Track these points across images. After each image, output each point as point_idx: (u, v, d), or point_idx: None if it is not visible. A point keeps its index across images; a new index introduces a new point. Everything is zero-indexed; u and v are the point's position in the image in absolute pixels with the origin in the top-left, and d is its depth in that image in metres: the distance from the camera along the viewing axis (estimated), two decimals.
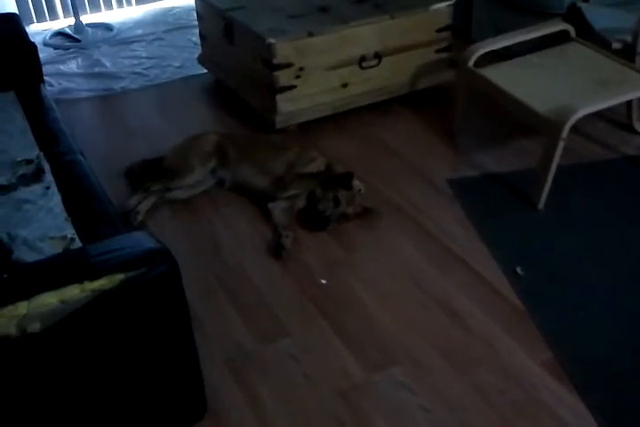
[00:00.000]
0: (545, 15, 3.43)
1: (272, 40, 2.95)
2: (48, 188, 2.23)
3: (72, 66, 3.97)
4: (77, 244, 1.96)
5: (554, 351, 2.05)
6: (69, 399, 1.56)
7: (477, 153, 3.05)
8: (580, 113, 2.50)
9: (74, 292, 1.43)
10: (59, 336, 1.44)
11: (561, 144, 2.52)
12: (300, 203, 2.66)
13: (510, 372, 2.00)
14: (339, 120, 3.29)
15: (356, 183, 2.62)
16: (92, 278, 1.45)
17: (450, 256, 2.45)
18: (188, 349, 1.72)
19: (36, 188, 2.23)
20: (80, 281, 1.44)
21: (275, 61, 2.99)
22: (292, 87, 3.10)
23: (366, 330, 2.15)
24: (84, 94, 3.64)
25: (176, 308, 1.64)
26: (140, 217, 2.61)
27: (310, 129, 3.23)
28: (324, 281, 2.33)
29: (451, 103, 3.20)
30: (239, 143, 2.86)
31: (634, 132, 3.12)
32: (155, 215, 2.67)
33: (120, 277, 1.47)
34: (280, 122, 3.16)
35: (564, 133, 2.50)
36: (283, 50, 2.98)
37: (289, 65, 3.03)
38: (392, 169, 2.96)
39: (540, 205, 2.66)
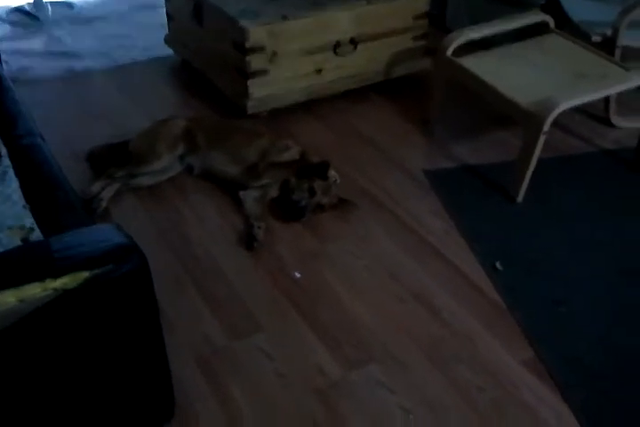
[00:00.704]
0: (523, 5, 3.37)
1: (245, 23, 2.83)
2: (5, 173, 2.09)
3: (31, 44, 3.79)
4: (37, 234, 1.82)
5: (534, 349, 2.00)
6: (30, 403, 1.45)
7: (454, 144, 2.99)
8: (562, 107, 2.44)
9: (34, 290, 1.31)
10: (17, 337, 1.33)
11: (542, 138, 2.47)
12: (273, 192, 2.57)
13: (490, 369, 1.95)
14: (312, 107, 3.20)
15: (332, 173, 2.54)
16: (55, 276, 1.33)
17: (427, 249, 2.38)
18: (157, 348, 1.61)
19: None
20: (42, 279, 1.32)
21: (247, 45, 2.87)
22: (264, 72, 2.99)
23: (342, 325, 2.07)
24: (44, 74, 3.47)
25: (145, 307, 1.53)
26: (103, 204, 2.48)
27: (282, 115, 3.13)
28: (297, 274, 2.24)
29: (426, 92, 3.14)
30: (209, 128, 2.74)
31: (610, 125, 3.10)
32: (119, 203, 2.54)
33: (85, 275, 1.35)
34: (251, 107, 3.05)
35: (546, 127, 2.45)
36: (256, 33, 2.86)
37: (262, 49, 2.92)
38: (367, 158, 2.89)
39: (519, 198, 2.61)
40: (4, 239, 1.81)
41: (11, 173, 2.08)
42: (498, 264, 2.30)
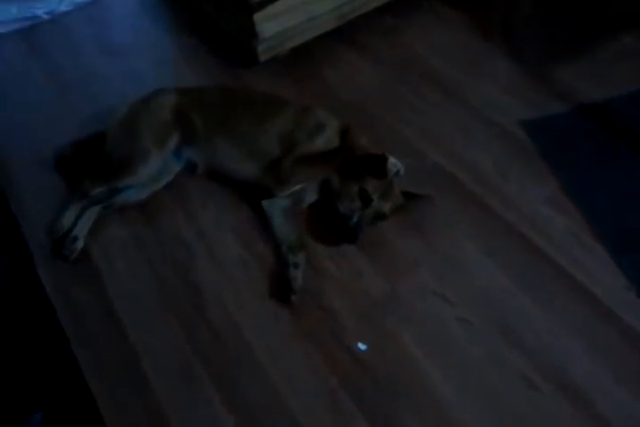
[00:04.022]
0: None
1: None
2: None
3: None
4: None
5: None
6: None
7: (558, 68, 1.92)
8: None
9: None
10: None
11: None
12: (310, 197, 1.66)
13: None
14: (348, 34, 2.15)
15: (392, 163, 1.58)
16: None
17: (549, 270, 1.46)
18: None
19: None
20: None
21: None
22: None
23: None
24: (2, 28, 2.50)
25: None
26: (78, 246, 1.64)
27: (309, 53, 2.10)
28: (362, 346, 1.39)
29: None
30: (209, 103, 1.77)
31: None
32: (101, 235, 1.69)
33: None
34: (264, 51, 2.04)
35: None
36: None
37: None
38: (435, 109, 1.88)
39: None
40: None
41: None
42: None
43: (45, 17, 2.52)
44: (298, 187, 1.62)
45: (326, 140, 1.65)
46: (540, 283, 1.45)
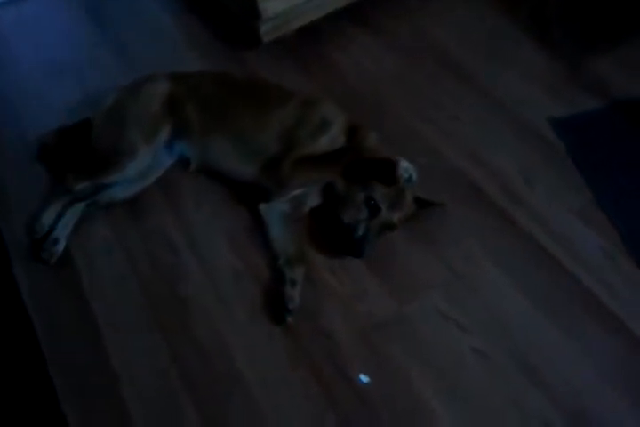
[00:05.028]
0: None
1: None
2: None
3: None
4: None
5: None
6: None
7: (594, 59, 1.70)
8: None
9: None
10: None
11: None
12: (311, 200, 1.47)
13: None
14: (363, 14, 1.93)
15: (403, 168, 1.38)
16: None
17: (583, 301, 1.28)
18: None
19: None
20: None
21: None
22: None
23: None
24: None
25: None
26: (59, 250, 1.48)
27: (318, 35, 1.89)
28: (364, 378, 1.23)
29: None
30: (205, 94, 1.57)
31: None
32: (83, 235, 1.52)
33: None
34: (267, 31, 1.83)
35: None
36: None
37: None
38: (456, 104, 1.67)
39: None
40: None
41: None
42: None
43: None
44: (298, 191, 1.43)
45: (331, 139, 1.45)
46: (565, 310, 1.27)
